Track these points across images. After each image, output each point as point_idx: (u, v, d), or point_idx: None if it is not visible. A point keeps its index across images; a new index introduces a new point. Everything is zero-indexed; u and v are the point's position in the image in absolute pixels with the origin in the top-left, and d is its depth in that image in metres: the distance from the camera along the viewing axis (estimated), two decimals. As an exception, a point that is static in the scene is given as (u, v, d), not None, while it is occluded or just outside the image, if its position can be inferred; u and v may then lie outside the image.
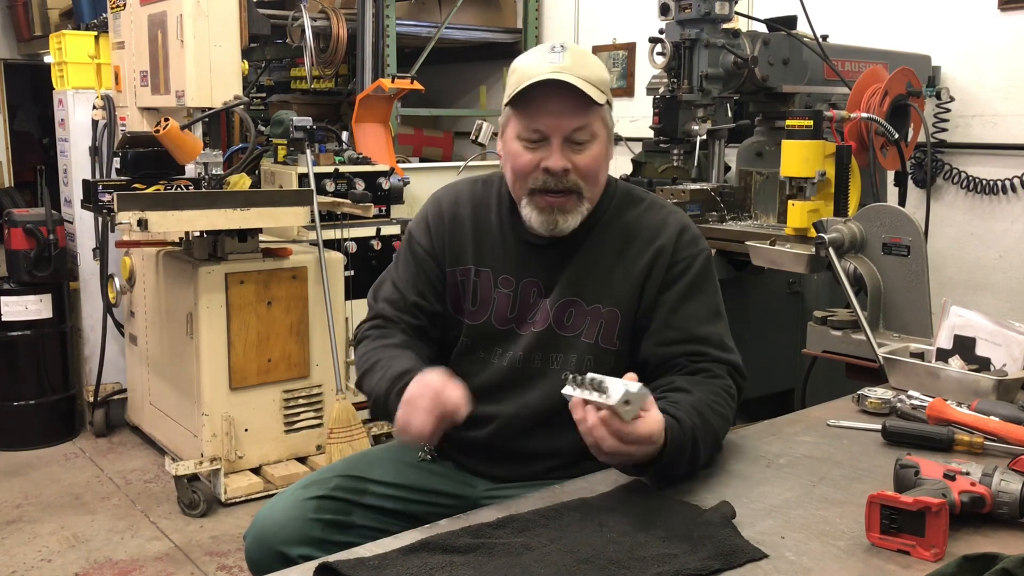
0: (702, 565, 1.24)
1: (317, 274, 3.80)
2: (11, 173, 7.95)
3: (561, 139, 1.65)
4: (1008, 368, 1.91)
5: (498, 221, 1.80)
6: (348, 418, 3.60)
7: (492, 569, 1.24)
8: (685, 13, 3.15)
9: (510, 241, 1.78)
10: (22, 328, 4.30)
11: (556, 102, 1.63)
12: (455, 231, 1.81)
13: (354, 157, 4.29)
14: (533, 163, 1.67)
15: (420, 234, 1.85)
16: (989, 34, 3.80)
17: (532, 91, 1.63)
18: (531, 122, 1.66)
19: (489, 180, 1.87)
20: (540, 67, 1.64)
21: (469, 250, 1.80)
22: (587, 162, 1.67)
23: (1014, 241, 3.80)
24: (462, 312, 1.79)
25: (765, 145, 3.45)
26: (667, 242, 1.73)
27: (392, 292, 1.83)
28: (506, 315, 1.76)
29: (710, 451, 1.58)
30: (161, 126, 3.62)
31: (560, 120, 1.64)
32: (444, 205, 1.85)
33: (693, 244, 1.75)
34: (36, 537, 3.41)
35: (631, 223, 1.76)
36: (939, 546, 1.26)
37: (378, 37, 5.03)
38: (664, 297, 1.71)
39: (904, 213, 2.31)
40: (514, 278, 1.76)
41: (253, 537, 1.67)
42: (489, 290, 1.77)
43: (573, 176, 1.66)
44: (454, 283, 1.80)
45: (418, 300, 1.80)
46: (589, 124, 1.66)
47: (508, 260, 1.77)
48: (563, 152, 1.65)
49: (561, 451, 1.71)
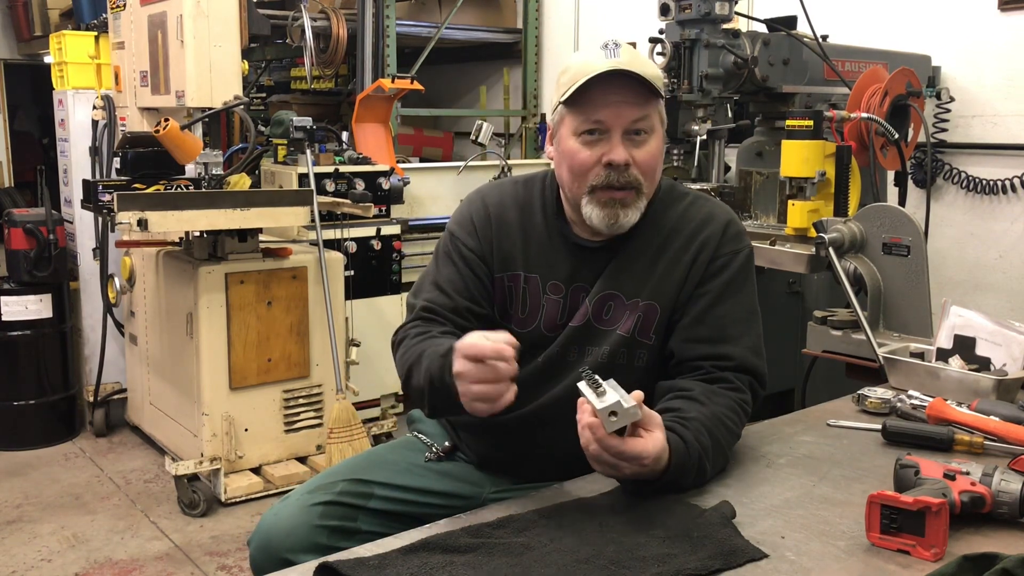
0: (702, 565, 1.24)
1: (317, 274, 3.80)
2: (11, 173, 7.95)
3: (621, 132, 1.62)
4: (1008, 368, 1.91)
5: (544, 224, 1.76)
6: (348, 418, 3.60)
7: (492, 569, 1.24)
8: (685, 13, 3.15)
9: (557, 245, 1.75)
10: (22, 328, 4.30)
11: (616, 94, 1.61)
12: (503, 234, 1.76)
13: (354, 157, 4.29)
14: (593, 159, 1.64)
15: (466, 235, 1.77)
16: (989, 34, 3.81)
17: (590, 86, 1.60)
18: (591, 114, 1.62)
19: (530, 182, 1.83)
20: (597, 62, 1.61)
21: (518, 255, 1.75)
22: (647, 157, 1.64)
23: (1014, 241, 3.80)
24: (509, 319, 1.75)
25: (765, 145, 3.45)
26: (712, 234, 1.71)
27: (437, 295, 1.74)
28: (556, 321, 1.72)
29: (717, 468, 1.57)
30: (161, 126, 3.62)
31: (621, 111, 1.61)
32: (491, 207, 1.79)
33: (737, 240, 1.73)
34: (36, 537, 3.41)
35: (676, 218, 1.73)
36: (939, 546, 1.26)
37: (378, 37, 5.03)
38: (701, 291, 1.69)
39: (904, 213, 2.31)
40: (564, 284, 1.72)
41: (258, 544, 1.66)
42: (538, 296, 1.74)
43: (634, 170, 1.64)
44: (502, 289, 1.76)
45: (470, 305, 1.73)
46: (649, 116, 1.64)
47: (556, 265, 1.74)
48: (624, 146, 1.63)
49: (572, 448, 1.70)
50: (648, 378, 1.69)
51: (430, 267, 1.81)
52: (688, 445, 1.47)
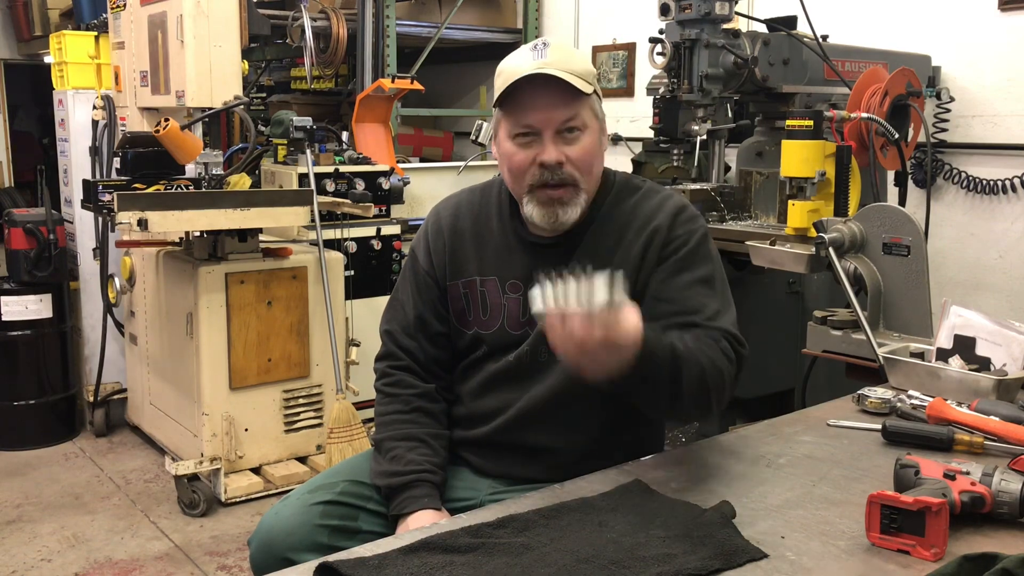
0: (702, 565, 1.24)
1: (317, 274, 3.80)
2: (11, 173, 7.96)
3: (552, 132, 1.66)
4: (1008, 368, 1.91)
5: (500, 227, 1.81)
6: (348, 418, 3.60)
7: (492, 569, 1.24)
8: (685, 13, 3.15)
9: (514, 245, 1.78)
10: (22, 328, 4.30)
11: (543, 96, 1.64)
12: (456, 244, 1.82)
13: (354, 157, 4.29)
14: (528, 160, 1.68)
15: (420, 252, 1.87)
16: (989, 34, 3.81)
17: (519, 88, 1.64)
18: (521, 118, 1.67)
19: (487, 187, 1.88)
20: (524, 65, 1.65)
21: (472, 261, 1.80)
22: (580, 153, 1.68)
23: (1014, 241, 3.80)
24: (468, 323, 1.79)
25: (765, 145, 3.45)
26: (662, 223, 1.72)
27: (397, 314, 1.86)
28: (518, 319, 1.75)
29: (694, 383, 1.54)
30: (161, 126, 3.62)
31: (549, 113, 1.65)
32: (443, 219, 1.86)
33: (689, 222, 1.74)
34: (36, 537, 3.41)
35: (629, 210, 1.76)
36: (939, 546, 1.26)
37: (378, 37, 5.03)
38: (658, 271, 1.70)
39: (904, 213, 2.31)
40: (522, 282, 1.75)
41: (259, 543, 1.67)
42: (498, 297, 1.77)
43: (568, 168, 1.67)
44: (457, 296, 1.80)
45: (423, 313, 1.82)
46: (578, 114, 1.67)
47: (514, 265, 1.77)
48: (556, 145, 1.66)
49: (563, 448, 1.71)
50: None
51: (398, 282, 1.91)
52: (660, 336, 1.49)
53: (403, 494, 1.66)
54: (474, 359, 1.80)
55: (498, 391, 1.76)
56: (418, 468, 1.68)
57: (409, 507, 1.64)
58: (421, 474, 1.68)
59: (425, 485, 1.67)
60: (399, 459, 1.70)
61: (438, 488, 1.69)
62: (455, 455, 1.82)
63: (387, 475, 1.70)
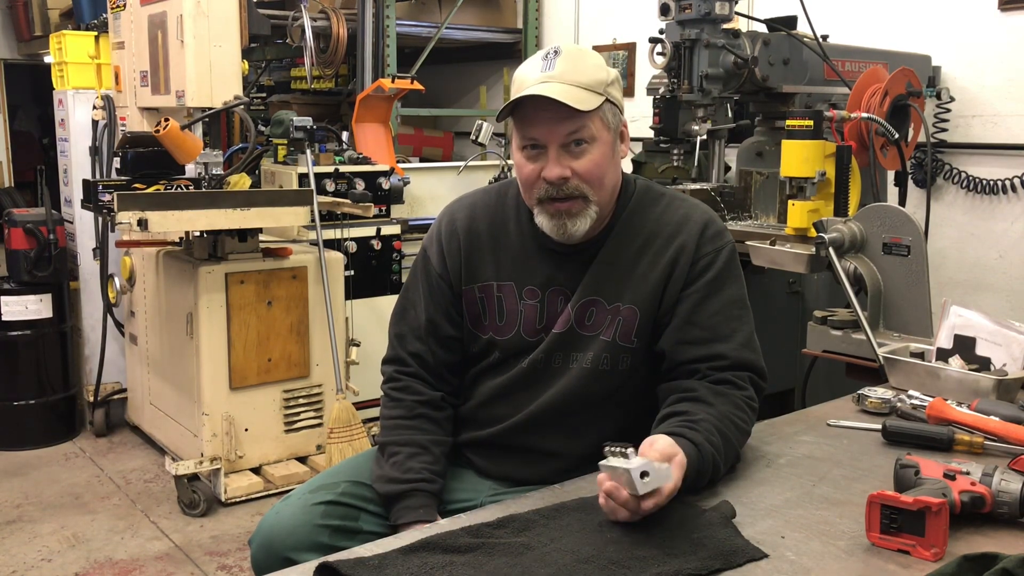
0: (702, 565, 1.24)
1: (317, 274, 3.80)
2: (11, 173, 7.96)
3: (557, 146, 1.63)
4: (1008, 368, 1.91)
5: (518, 231, 1.78)
6: (348, 418, 3.60)
7: (492, 569, 1.24)
8: (685, 13, 3.15)
9: (531, 251, 1.76)
10: (22, 328, 4.30)
11: (547, 109, 1.62)
12: (472, 247, 1.79)
13: (354, 157, 4.29)
14: (535, 173, 1.66)
15: (433, 255, 1.82)
16: (989, 34, 3.80)
17: (524, 101, 1.63)
18: (527, 131, 1.66)
19: (504, 190, 1.84)
20: (531, 77, 1.64)
21: (489, 265, 1.78)
22: (587, 166, 1.65)
23: (1014, 241, 3.80)
24: (483, 328, 1.77)
25: (765, 145, 3.45)
26: (688, 240, 1.71)
27: (408, 317, 1.83)
28: (535, 326, 1.74)
29: (729, 466, 1.58)
30: (161, 126, 3.62)
31: (553, 127, 1.63)
32: (458, 221, 1.82)
33: (717, 238, 1.73)
34: (36, 537, 3.41)
35: (652, 220, 1.74)
36: (939, 546, 1.26)
37: (378, 37, 5.03)
38: (687, 292, 1.69)
39: (904, 213, 2.31)
40: (540, 289, 1.74)
41: (260, 543, 1.67)
42: (515, 303, 1.75)
43: (575, 181, 1.65)
44: (472, 300, 1.78)
45: (434, 317, 1.79)
46: (585, 126, 1.63)
47: (531, 271, 1.75)
48: (560, 160, 1.64)
49: (569, 452, 1.71)
50: (632, 381, 1.72)
51: (408, 281, 1.88)
52: (700, 449, 1.48)
53: (400, 503, 1.66)
54: (487, 363, 1.78)
55: (510, 395, 1.75)
56: (416, 477, 1.68)
57: (404, 517, 1.65)
58: (419, 483, 1.68)
59: (422, 495, 1.67)
60: (399, 465, 1.70)
61: (436, 496, 1.70)
62: (459, 455, 1.82)
63: (387, 481, 1.70)
